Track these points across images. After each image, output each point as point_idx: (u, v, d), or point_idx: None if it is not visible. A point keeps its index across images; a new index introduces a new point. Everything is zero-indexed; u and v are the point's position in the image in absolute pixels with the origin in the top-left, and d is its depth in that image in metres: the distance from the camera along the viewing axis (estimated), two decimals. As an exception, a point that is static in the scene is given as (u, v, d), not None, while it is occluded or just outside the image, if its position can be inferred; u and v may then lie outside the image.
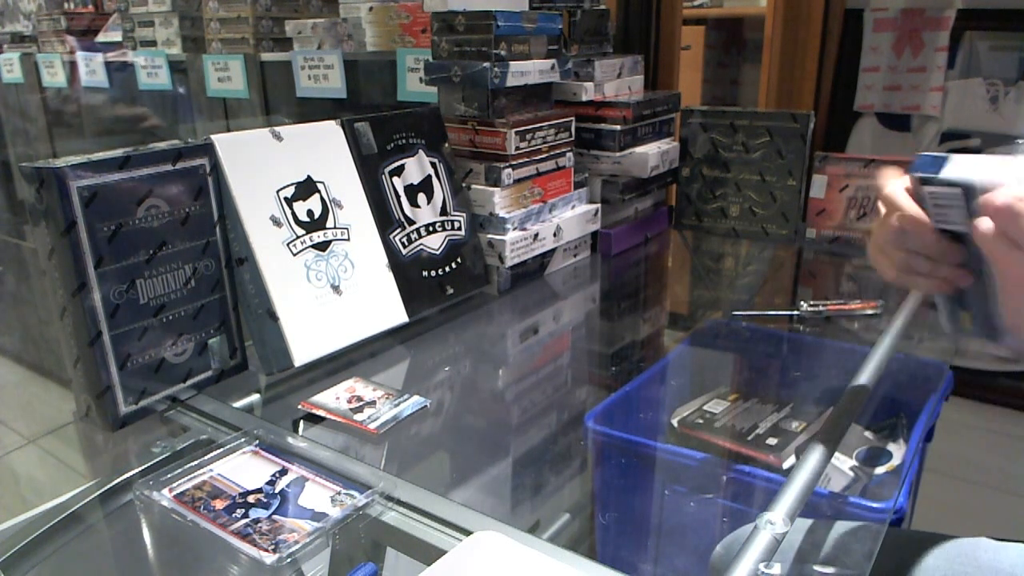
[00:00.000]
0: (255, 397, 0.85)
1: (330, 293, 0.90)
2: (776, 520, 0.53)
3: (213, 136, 0.83)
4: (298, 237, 0.88)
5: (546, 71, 1.15)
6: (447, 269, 1.05)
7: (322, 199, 0.92)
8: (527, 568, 0.53)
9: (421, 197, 1.04)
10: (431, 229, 1.04)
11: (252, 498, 0.63)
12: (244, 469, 0.68)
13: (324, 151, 0.94)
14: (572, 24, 1.29)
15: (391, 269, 0.98)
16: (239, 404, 0.82)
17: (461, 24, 1.08)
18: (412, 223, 1.02)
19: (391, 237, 0.99)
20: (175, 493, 0.64)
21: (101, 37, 2.47)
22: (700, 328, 1.12)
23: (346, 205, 0.94)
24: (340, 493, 0.63)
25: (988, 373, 1.49)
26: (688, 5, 2.97)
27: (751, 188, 1.37)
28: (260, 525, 0.60)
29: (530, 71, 1.12)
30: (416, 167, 1.04)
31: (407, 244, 1.01)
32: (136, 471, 0.69)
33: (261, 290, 0.84)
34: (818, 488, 0.62)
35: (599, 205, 1.29)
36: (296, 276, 0.87)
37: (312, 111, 1.85)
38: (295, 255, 0.87)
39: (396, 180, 1.01)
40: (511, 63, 1.08)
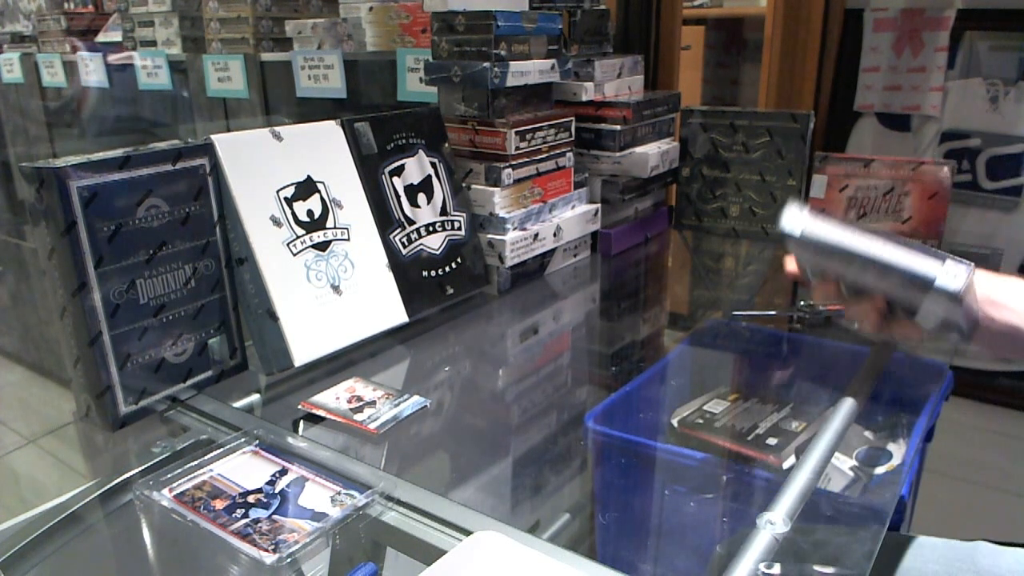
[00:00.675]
0: (255, 397, 0.85)
1: (330, 293, 0.90)
2: (776, 520, 0.53)
3: (213, 136, 0.83)
4: (298, 237, 0.88)
5: (546, 71, 1.15)
6: (447, 269, 1.05)
7: (322, 199, 0.92)
8: (527, 568, 0.53)
9: (421, 197, 1.04)
10: (431, 229, 1.04)
11: (252, 498, 0.63)
12: (244, 469, 0.68)
13: (324, 151, 0.94)
14: (572, 24, 1.29)
15: (391, 269, 0.98)
16: (239, 404, 0.82)
17: (461, 24, 1.08)
18: (412, 223, 1.02)
19: (391, 237, 0.99)
20: (175, 493, 0.64)
21: (101, 37, 2.47)
22: (700, 328, 1.12)
23: (346, 205, 0.94)
24: (340, 493, 0.63)
25: (988, 373, 1.50)
26: (688, 5, 2.97)
27: (751, 188, 1.37)
28: (260, 525, 0.60)
29: (530, 71, 1.12)
30: (416, 167, 1.04)
31: (407, 244, 1.01)
32: (136, 471, 0.69)
33: (261, 290, 0.84)
34: (818, 488, 0.62)
35: (599, 205, 1.29)
36: (296, 276, 0.87)
37: (312, 111, 1.85)
38: (295, 255, 0.87)
39: (396, 180, 1.01)
40: (511, 63, 1.08)
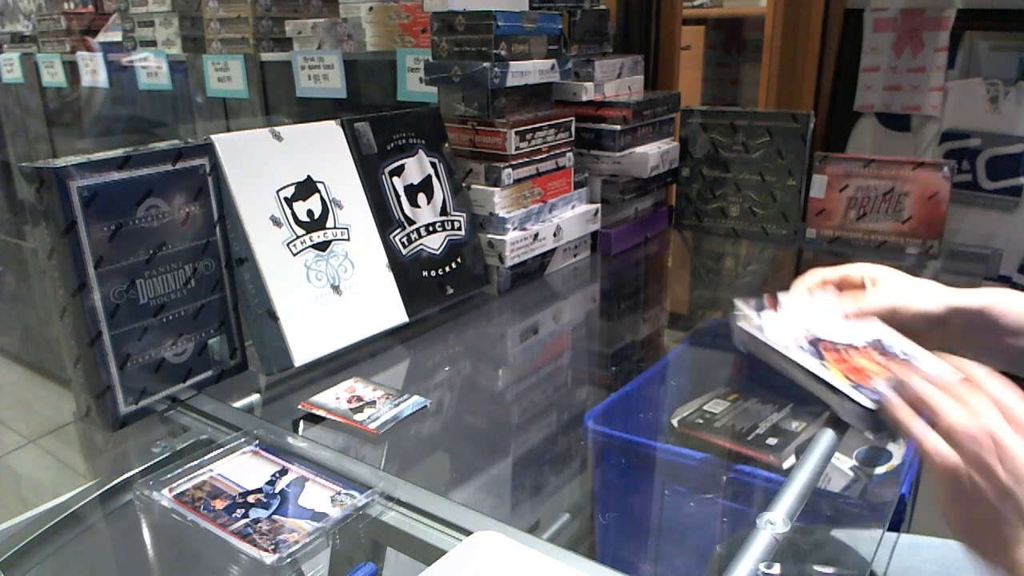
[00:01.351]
0: (255, 397, 0.85)
1: (330, 293, 0.90)
2: (776, 520, 0.53)
3: (213, 136, 0.83)
4: (298, 237, 0.88)
5: (546, 71, 1.15)
6: (447, 269, 1.05)
7: (322, 199, 0.92)
8: (527, 568, 0.53)
9: (421, 197, 1.04)
10: (431, 229, 1.04)
11: (252, 498, 0.63)
12: (244, 469, 0.68)
13: (324, 151, 0.94)
14: (572, 24, 1.29)
15: (391, 269, 0.98)
16: (239, 404, 0.82)
17: (461, 24, 1.08)
18: (412, 223, 1.02)
19: (391, 237, 0.99)
20: (175, 493, 0.64)
21: (101, 37, 2.47)
22: (700, 328, 1.12)
23: (346, 205, 0.94)
24: (340, 493, 0.63)
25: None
26: (688, 5, 2.97)
27: (751, 188, 1.37)
28: (260, 525, 0.60)
29: (530, 71, 1.12)
30: (416, 167, 1.04)
31: (407, 244, 1.01)
32: (136, 471, 0.69)
33: (261, 290, 0.84)
34: (818, 488, 0.62)
35: (599, 205, 1.29)
36: (296, 276, 0.87)
37: (312, 111, 1.85)
38: (295, 255, 0.87)
39: (396, 180, 1.01)
40: (511, 63, 1.08)
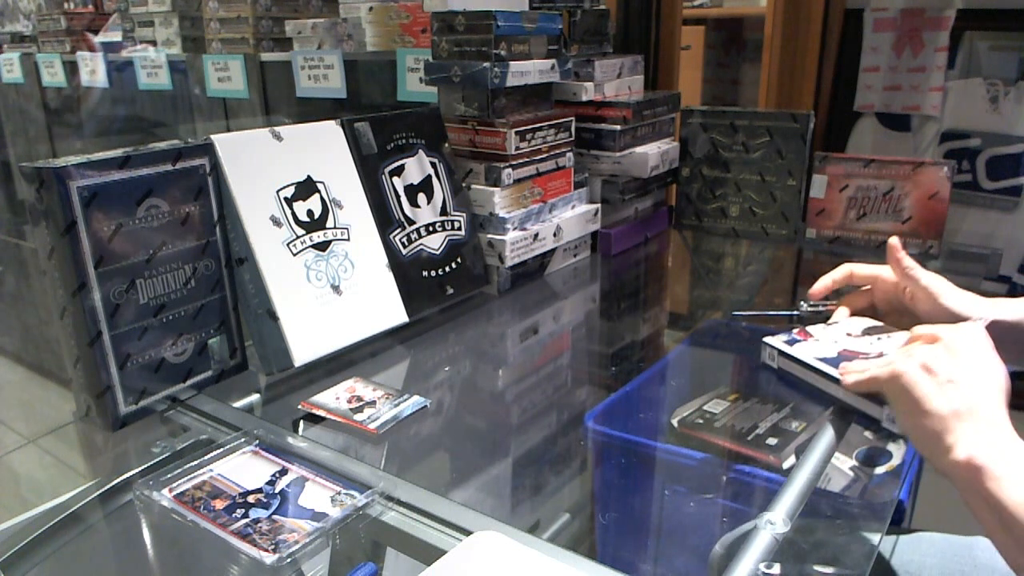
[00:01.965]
0: (255, 397, 0.85)
1: (330, 293, 0.90)
2: (776, 520, 0.53)
3: (213, 136, 0.83)
4: (298, 237, 0.88)
5: (546, 71, 1.15)
6: (447, 269, 1.05)
7: (322, 199, 0.92)
8: (527, 568, 0.53)
9: (421, 197, 1.04)
10: (431, 229, 1.04)
11: (252, 498, 0.63)
12: (244, 469, 0.68)
13: (324, 151, 0.94)
14: (572, 24, 1.29)
15: (391, 269, 0.98)
16: (239, 404, 0.82)
17: (461, 24, 1.08)
18: (412, 223, 1.02)
19: (391, 237, 0.99)
20: (175, 493, 0.64)
21: (101, 37, 2.47)
22: (700, 328, 1.12)
23: (346, 205, 0.94)
24: (340, 493, 0.63)
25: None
26: (688, 5, 2.97)
27: (751, 188, 1.37)
28: (260, 525, 0.60)
29: (530, 71, 1.12)
30: (416, 167, 1.04)
31: (407, 244, 1.01)
32: (136, 471, 0.69)
33: (261, 290, 0.84)
34: (818, 488, 0.62)
35: (599, 205, 1.29)
36: (296, 276, 0.87)
37: (312, 111, 1.85)
38: (295, 255, 0.87)
39: (396, 180, 1.01)
40: (511, 63, 1.08)
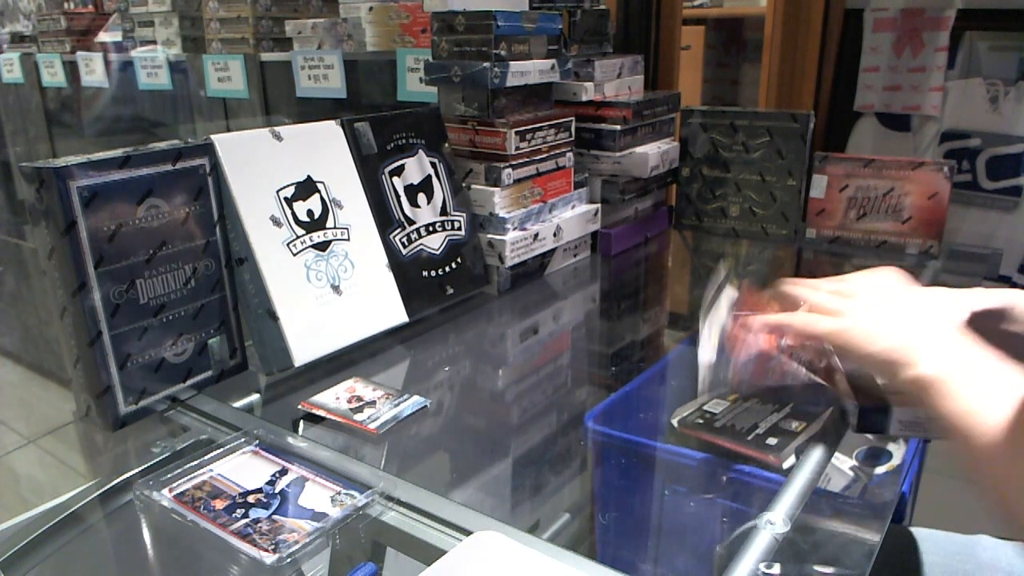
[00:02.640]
0: (255, 397, 0.85)
1: (330, 293, 0.90)
2: (776, 520, 0.53)
3: (213, 136, 0.83)
4: (298, 237, 0.88)
5: (546, 71, 1.15)
6: (447, 269, 1.05)
7: (322, 199, 0.92)
8: (527, 568, 0.53)
9: (421, 197, 1.04)
10: (431, 229, 1.04)
11: (252, 498, 0.63)
12: (244, 469, 0.68)
13: (324, 151, 0.94)
14: (572, 24, 1.29)
15: (391, 269, 0.98)
16: (239, 404, 0.82)
17: (461, 24, 1.08)
18: (412, 223, 1.02)
19: (391, 237, 0.99)
20: (175, 493, 0.64)
21: (101, 37, 2.47)
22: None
23: (346, 205, 0.94)
24: (340, 493, 0.63)
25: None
26: (688, 5, 2.97)
27: (751, 188, 1.37)
28: (260, 525, 0.60)
29: (530, 71, 1.12)
30: (416, 167, 1.04)
31: (407, 244, 1.01)
32: (136, 471, 0.69)
33: (261, 290, 0.84)
34: (818, 488, 0.62)
35: (599, 205, 1.29)
36: (296, 276, 0.87)
37: (312, 111, 1.85)
38: (295, 255, 0.87)
39: (396, 180, 1.01)
40: (511, 63, 1.08)
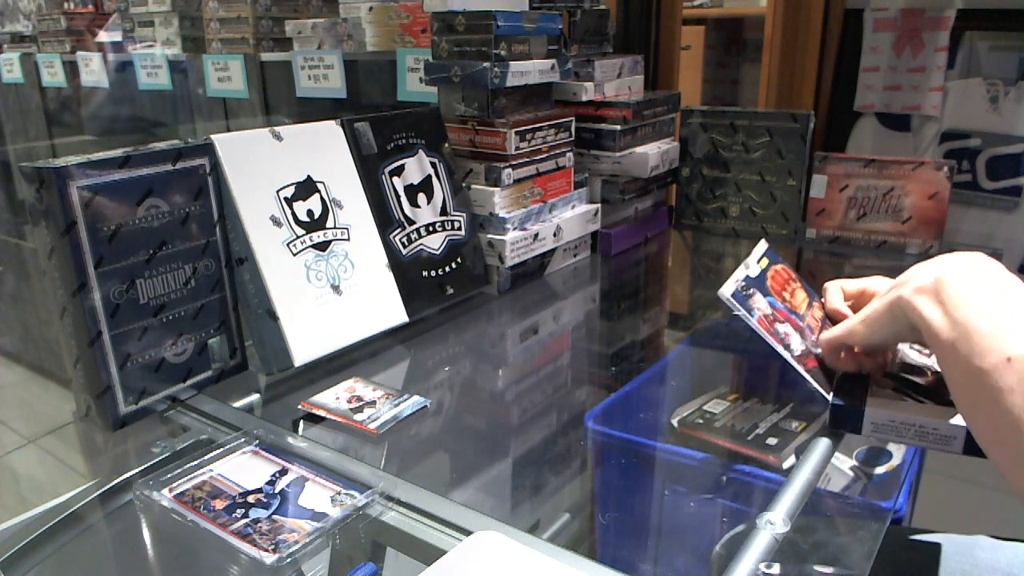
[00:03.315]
0: (255, 397, 0.85)
1: (330, 293, 0.90)
2: (776, 520, 0.53)
3: (213, 136, 0.83)
4: (298, 237, 0.88)
5: (546, 71, 1.15)
6: (447, 269, 1.05)
7: (322, 199, 0.92)
8: (527, 568, 0.53)
9: (421, 197, 1.04)
10: (431, 229, 1.04)
11: (252, 498, 0.63)
12: (244, 469, 0.68)
13: (324, 151, 0.94)
14: (572, 24, 1.29)
15: (391, 269, 0.98)
16: (239, 404, 0.82)
17: (461, 24, 1.08)
18: (412, 223, 1.02)
19: (391, 237, 0.99)
20: (175, 493, 0.64)
21: (101, 37, 2.47)
22: (700, 328, 1.12)
23: (346, 205, 0.94)
24: (340, 493, 0.63)
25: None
26: (688, 5, 2.97)
27: (751, 188, 1.37)
28: (260, 525, 0.60)
29: (530, 71, 1.12)
30: (416, 167, 1.04)
31: (407, 244, 1.01)
32: (136, 471, 0.69)
33: (261, 290, 0.84)
34: (818, 488, 0.62)
35: (599, 205, 1.29)
36: (296, 276, 0.87)
37: (312, 111, 1.85)
38: (295, 255, 0.87)
39: (396, 180, 1.01)
40: (511, 63, 1.08)
